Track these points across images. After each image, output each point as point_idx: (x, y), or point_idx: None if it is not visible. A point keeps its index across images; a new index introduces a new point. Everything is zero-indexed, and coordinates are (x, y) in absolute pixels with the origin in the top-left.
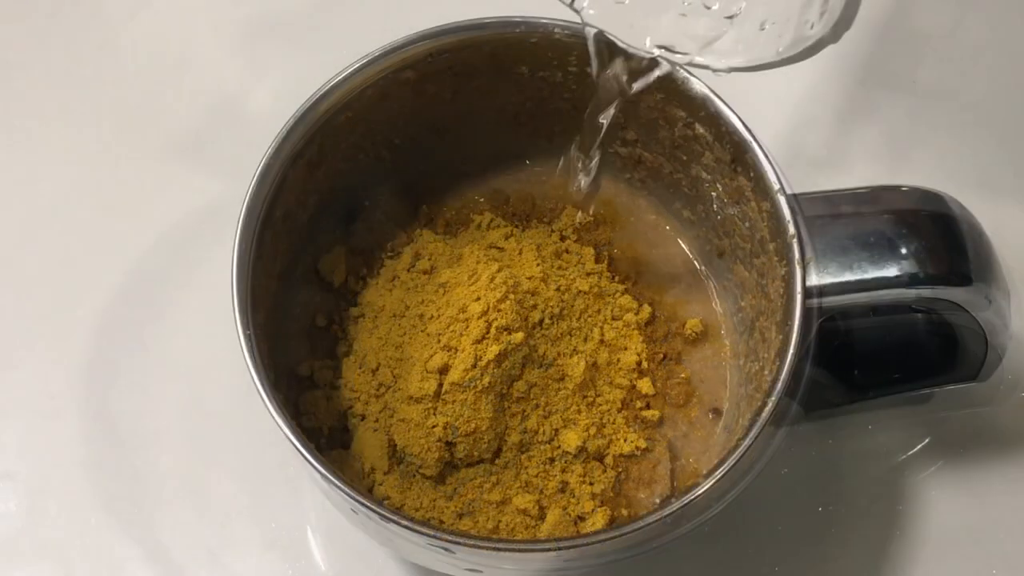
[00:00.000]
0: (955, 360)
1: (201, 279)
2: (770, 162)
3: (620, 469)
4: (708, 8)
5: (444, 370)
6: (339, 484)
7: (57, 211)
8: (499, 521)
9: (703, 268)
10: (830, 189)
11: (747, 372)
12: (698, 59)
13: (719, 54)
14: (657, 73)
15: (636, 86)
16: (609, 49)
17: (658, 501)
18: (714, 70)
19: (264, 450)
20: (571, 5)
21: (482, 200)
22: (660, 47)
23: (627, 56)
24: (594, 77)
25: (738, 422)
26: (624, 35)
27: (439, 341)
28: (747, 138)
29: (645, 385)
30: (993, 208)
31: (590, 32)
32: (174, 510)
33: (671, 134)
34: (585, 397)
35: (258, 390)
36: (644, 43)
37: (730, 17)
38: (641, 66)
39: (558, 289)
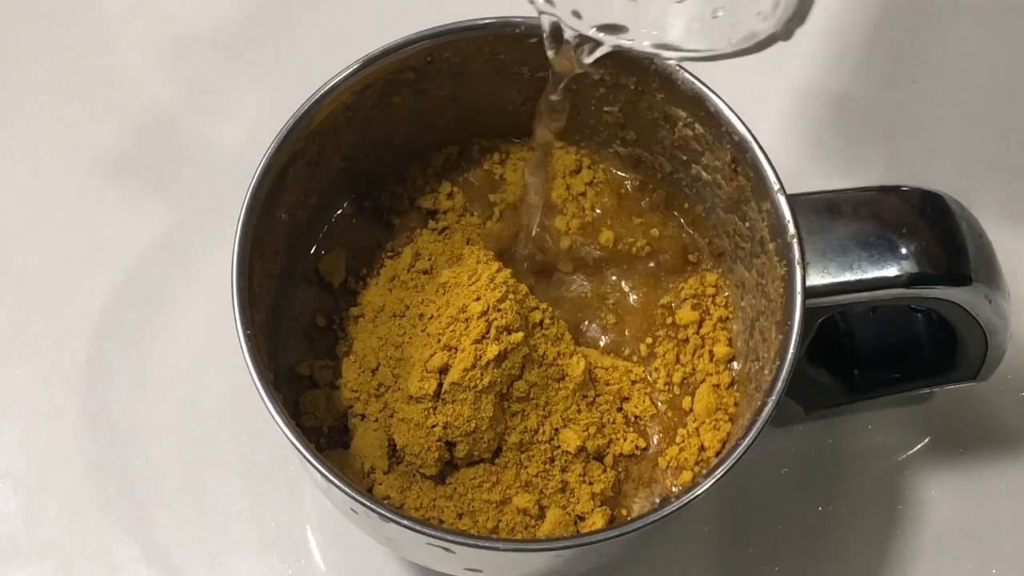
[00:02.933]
0: (955, 360)
1: (201, 279)
2: (770, 162)
3: (620, 469)
4: None
5: (444, 370)
6: (339, 484)
7: (57, 210)
8: (499, 521)
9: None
10: (830, 189)
11: (747, 372)
12: (647, 45)
13: (672, 43)
14: (600, 51)
15: (586, 60)
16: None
17: (658, 501)
18: (664, 59)
19: (264, 450)
20: None
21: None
22: (607, 31)
23: (578, 39)
24: (549, 59)
25: (738, 421)
26: (572, 21)
27: (439, 341)
28: (747, 138)
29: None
30: (993, 208)
31: (546, 21)
32: (174, 510)
33: (671, 134)
34: (585, 397)
35: (258, 390)
36: (592, 30)
37: (680, 1)
38: (590, 48)
39: None
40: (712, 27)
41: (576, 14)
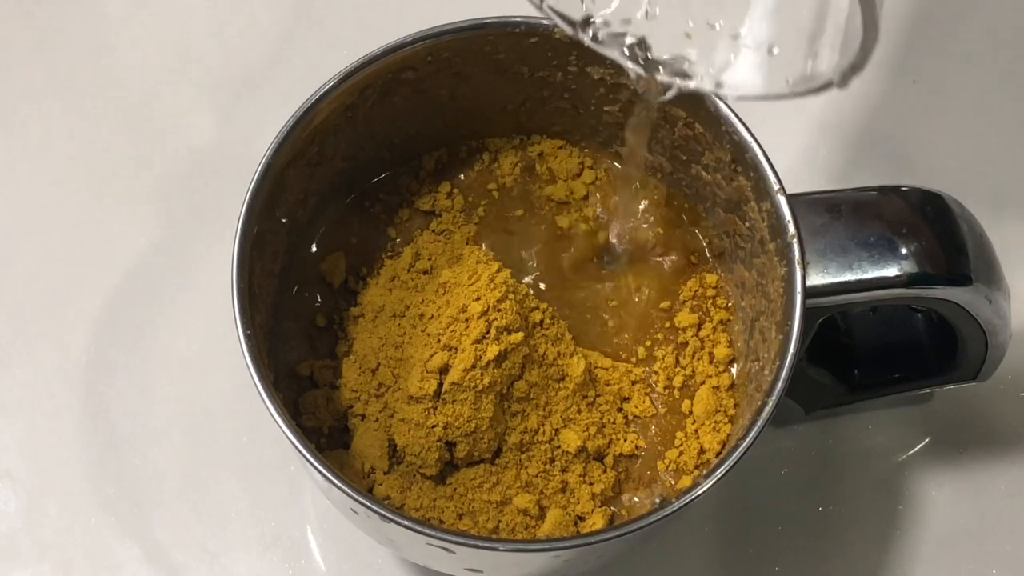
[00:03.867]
0: (955, 360)
1: (200, 279)
2: (770, 162)
3: (620, 469)
4: (712, 27)
5: (444, 370)
6: (339, 484)
7: (57, 210)
8: (499, 521)
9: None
10: (830, 189)
11: (747, 372)
12: (706, 86)
13: (731, 82)
14: (670, 94)
15: (661, 98)
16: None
17: (658, 501)
18: (721, 97)
19: (264, 450)
20: (576, 34)
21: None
22: (671, 72)
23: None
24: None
25: (738, 422)
26: (630, 61)
27: (439, 341)
28: (747, 138)
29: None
30: (993, 208)
31: (634, 71)
32: (174, 510)
33: (671, 134)
34: (585, 397)
35: (258, 390)
36: (654, 70)
37: (735, 37)
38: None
39: None
40: (770, 65)
41: (650, 58)
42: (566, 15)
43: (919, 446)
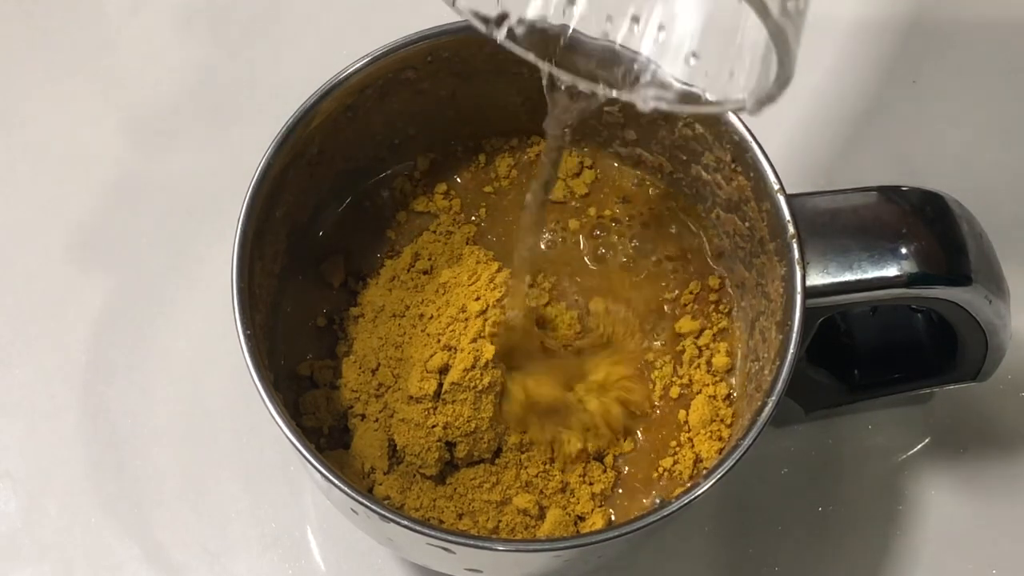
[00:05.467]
0: (955, 360)
1: (200, 279)
2: (770, 162)
3: (620, 469)
4: (633, 26)
5: (444, 370)
6: (339, 484)
7: (57, 210)
8: (499, 521)
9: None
10: (830, 189)
11: (747, 372)
12: (619, 94)
13: (646, 91)
14: (582, 104)
15: (572, 115)
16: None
17: (658, 501)
18: (639, 107)
19: (264, 450)
20: (489, 32)
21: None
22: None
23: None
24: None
25: (738, 422)
26: (564, 74)
27: (439, 341)
28: (747, 138)
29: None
30: (993, 208)
31: (544, 70)
32: (173, 510)
33: (671, 134)
34: None
35: (258, 390)
36: (584, 82)
37: (660, 29)
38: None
39: None
40: (690, 74)
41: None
42: (480, 12)
43: (919, 446)
